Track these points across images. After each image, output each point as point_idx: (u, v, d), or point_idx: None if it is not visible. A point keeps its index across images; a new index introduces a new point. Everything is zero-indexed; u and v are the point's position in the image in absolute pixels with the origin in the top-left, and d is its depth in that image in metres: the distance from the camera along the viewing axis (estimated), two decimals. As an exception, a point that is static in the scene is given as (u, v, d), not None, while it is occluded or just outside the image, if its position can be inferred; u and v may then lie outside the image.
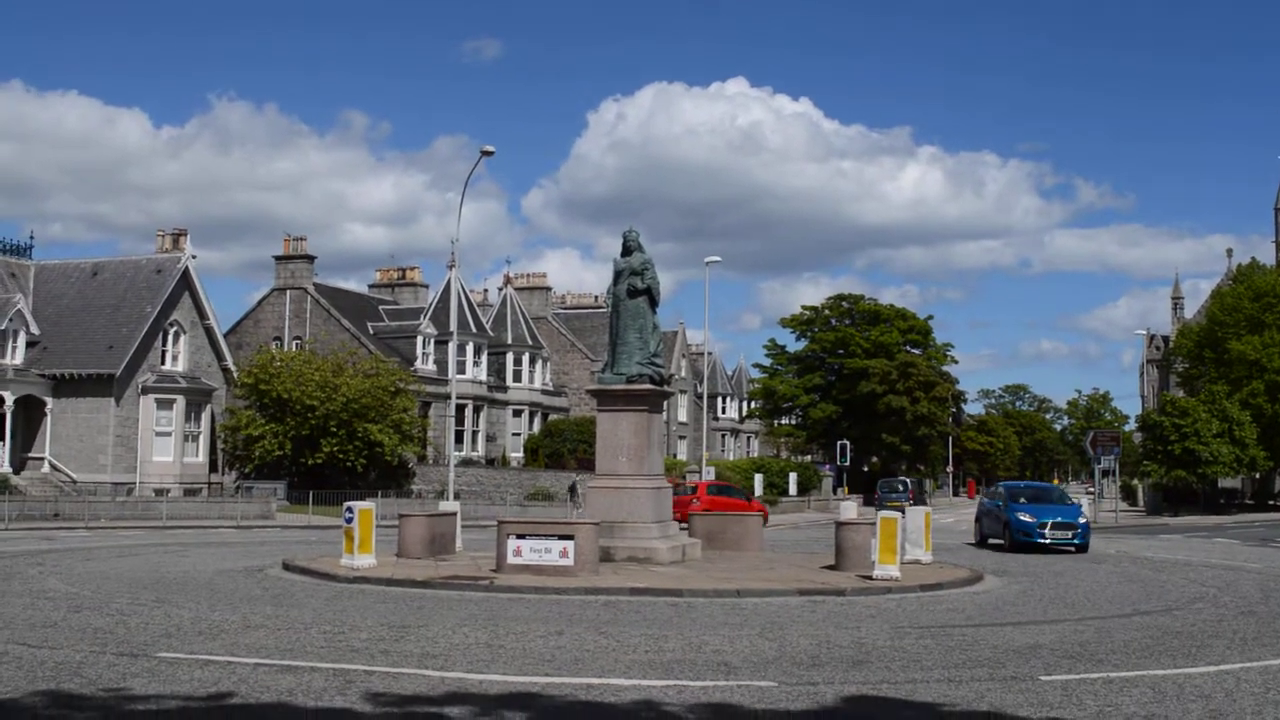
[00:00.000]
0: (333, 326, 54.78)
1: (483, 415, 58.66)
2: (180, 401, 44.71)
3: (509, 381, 61.89)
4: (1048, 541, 26.18)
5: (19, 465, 43.40)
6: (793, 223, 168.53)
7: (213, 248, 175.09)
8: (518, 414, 62.00)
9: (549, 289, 71.82)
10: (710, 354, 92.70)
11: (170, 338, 45.82)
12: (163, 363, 45.23)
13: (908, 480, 62.55)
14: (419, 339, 56.38)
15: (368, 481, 47.37)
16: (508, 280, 65.92)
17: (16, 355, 43.70)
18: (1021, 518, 26.73)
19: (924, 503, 68.77)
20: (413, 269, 65.62)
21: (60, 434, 43.51)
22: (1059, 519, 26.53)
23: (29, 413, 43.80)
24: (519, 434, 61.49)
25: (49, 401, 43.56)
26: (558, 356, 68.94)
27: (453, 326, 36.90)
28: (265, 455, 45.88)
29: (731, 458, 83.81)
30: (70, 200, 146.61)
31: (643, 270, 20.77)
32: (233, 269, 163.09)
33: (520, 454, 59.56)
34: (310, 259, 56.83)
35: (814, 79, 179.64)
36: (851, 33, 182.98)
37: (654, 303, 20.89)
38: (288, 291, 56.26)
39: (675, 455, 75.11)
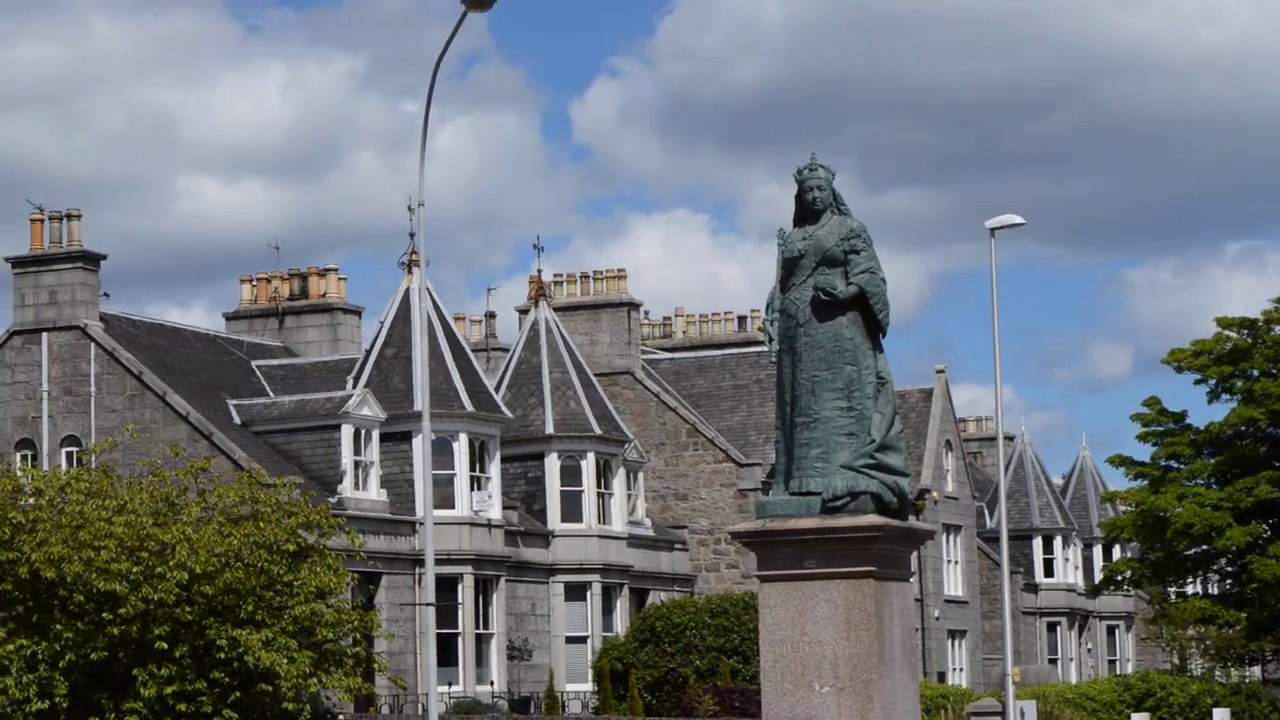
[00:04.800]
0: (150, 410, 55.61)
1: (498, 598, 58.90)
2: None
3: (553, 521, 62.32)
4: None
5: None
6: (1209, 125, 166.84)
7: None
8: (577, 593, 62.21)
9: (636, 306, 72.53)
10: (1015, 440, 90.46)
11: None
12: None
13: None
14: (344, 432, 56.73)
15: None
16: (539, 290, 66.36)
17: None
18: None
19: None
20: (325, 274, 66.67)
21: None
22: None
23: None
24: (582, 638, 61.75)
25: None
26: (662, 459, 69.25)
27: (420, 402, 37.08)
28: (11, 711, 46.29)
29: (1074, 676, 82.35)
30: None
31: (848, 253, 20.63)
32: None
33: (588, 684, 59.80)
34: (94, 261, 57.94)
35: None
36: None
37: (878, 326, 20.82)
38: (45, 335, 57.31)
39: (944, 674, 74.10)
